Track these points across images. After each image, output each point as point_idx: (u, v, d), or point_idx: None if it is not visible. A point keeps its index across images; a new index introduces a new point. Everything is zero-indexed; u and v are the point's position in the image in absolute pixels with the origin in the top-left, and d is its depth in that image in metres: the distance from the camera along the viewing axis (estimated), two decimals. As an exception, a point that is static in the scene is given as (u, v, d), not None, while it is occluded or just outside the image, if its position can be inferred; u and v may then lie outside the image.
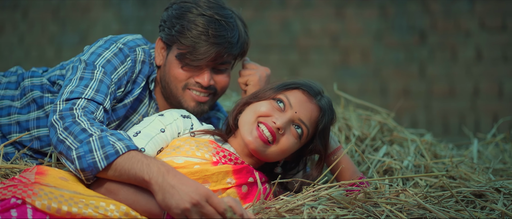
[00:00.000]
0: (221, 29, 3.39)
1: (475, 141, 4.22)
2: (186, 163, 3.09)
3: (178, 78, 3.47)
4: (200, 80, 3.45)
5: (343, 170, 3.29)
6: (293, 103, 3.21)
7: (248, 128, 3.19)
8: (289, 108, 3.20)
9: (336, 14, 7.71)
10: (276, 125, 3.14)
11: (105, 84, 3.26)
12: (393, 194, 3.10)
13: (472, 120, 7.30)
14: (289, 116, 3.18)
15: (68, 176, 2.94)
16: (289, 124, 3.18)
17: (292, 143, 3.19)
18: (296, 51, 7.80)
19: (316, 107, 3.23)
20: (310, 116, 3.21)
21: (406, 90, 7.49)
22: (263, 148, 3.17)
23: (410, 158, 3.85)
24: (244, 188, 3.13)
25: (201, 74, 3.46)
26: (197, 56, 3.39)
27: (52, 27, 8.46)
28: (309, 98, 3.24)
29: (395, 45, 7.52)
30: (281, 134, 3.17)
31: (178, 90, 3.49)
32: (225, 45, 3.39)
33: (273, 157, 3.21)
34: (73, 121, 3.01)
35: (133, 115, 3.57)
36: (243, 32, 3.51)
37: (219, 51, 3.39)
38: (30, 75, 3.58)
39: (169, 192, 2.78)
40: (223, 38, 3.39)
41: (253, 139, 3.15)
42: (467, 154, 4.13)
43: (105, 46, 3.43)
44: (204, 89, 3.47)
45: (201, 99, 3.49)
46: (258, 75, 3.56)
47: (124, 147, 2.90)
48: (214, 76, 3.49)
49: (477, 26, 7.25)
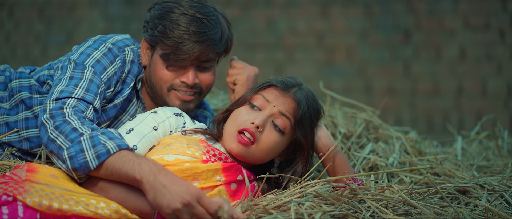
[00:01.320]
0: (202, 26, 3.40)
1: (459, 138, 4.26)
2: (177, 160, 3.11)
3: (163, 79, 3.47)
4: (185, 79, 3.45)
5: (336, 168, 3.30)
6: (270, 99, 3.24)
7: (230, 138, 3.21)
8: (267, 105, 3.23)
9: (322, 13, 7.71)
10: (255, 124, 3.17)
11: (95, 83, 3.27)
12: (379, 190, 3.13)
13: (456, 118, 7.32)
14: (267, 112, 3.21)
15: (59, 174, 2.95)
16: (269, 119, 3.21)
17: (274, 139, 3.21)
18: (281, 50, 7.80)
19: (291, 99, 3.24)
20: (288, 108, 3.23)
21: (390, 88, 7.51)
22: (246, 150, 3.19)
23: (395, 155, 3.89)
24: (233, 186, 3.16)
25: (185, 73, 3.46)
26: (180, 56, 3.39)
27: (38, 25, 8.43)
28: (283, 92, 3.26)
29: (380, 44, 7.53)
30: (260, 132, 3.18)
31: (163, 90, 3.49)
32: (208, 42, 3.40)
33: (259, 157, 3.23)
34: (63, 120, 3.02)
35: (123, 115, 3.57)
36: (226, 29, 3.51)
37: (202, 49, 3.39)
38: (18, 76, 3.58)
39: (160, 192, 2.79)
40: (205, 35, 3.39)
41: (235, 145, 3.18)
42: (451, 152, 4.17)
43: (94, 46, 3.43)
44: (189, 88, 3.48)
45: (186, 98, 3.50)
46: (246, 75, 3.57)
47: (115, 147, 2.91)
48: (199, 75, 3.50)
49: (461, 25, 7.27)
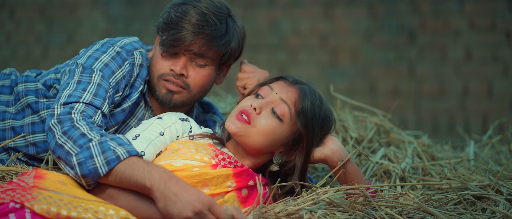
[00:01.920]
0: (204, 20, 3.37)
1: (472, 142, 4.21)
2: (185, 166, 3.07)
3: (156, 67, 3.45)
4: (173, 67, 3.41)
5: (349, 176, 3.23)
6: (274, 88, 3.22)
7: (231, 118, 3.18)
8: (270, 93, 3.21)
9: (325, 14, 7.68)
10: (253, 105, 3.15)
11: (103, 88, 3.23)
12: (393, 197, 3.08)
13: (462, 120, 7.28)
14: (268, 98, 3.19)
15: (67, 180, 2.91)
16: (269, 105, 3.17)
17: (271, 125, 3.15)
18: (284, 51, 7.79)
19: (295, 89, 3.21)
20: (290, 96, 3.19)
21: (395, 90, 7.48)
22: (242, 128, 3.14)
23: (408, 160, 3.84)
24: (244, 192, 3.12)
25: (176, 61, 3.42)
26: (173, 43, 3.36)
27: (39, 26, 8.42)
28: (289, 84, 3.24)
29: (384, 45, 7.50)
30: (258, 114, 3.15)
31: (154, 79, 3.46)
32: (203, 36, 3.36)
33: (256, 140, 3.16)
34: (71, 125, 2.98)
35: (131, 119, 3.53)
36: (231, 35, 3.47)
37: (194, 40, 3.36)
38: (24, 80, 3.53)
39: (171, 200, 2.76)
40: (202, 28, 3.35)
41: (232, 122, 3.15)
42: (464, 156, 4.12)
43: (103, 50, 3.39)
44: (175, 78, 3.43)
45: (171, 87, 3.44)
46: (257, 78, 3.52)
47: (125, 153, 2.87)
48: (190, 69, 3.45)
49: (467, 26, 7.23)
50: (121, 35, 3.59)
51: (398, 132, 4.22)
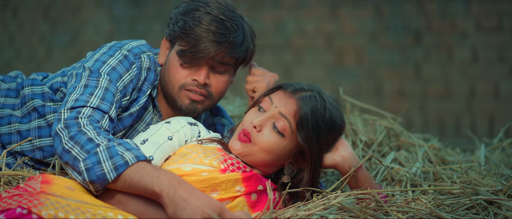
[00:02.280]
0: (223, 28, 3.34)
1: (482, 146, 4.17)
2: (194, 170, 3.03)
3: (176, 76, 3.40)
4: (196, 77, 3.38)
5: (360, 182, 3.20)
6: (274, 100, 3.17)
7: (234, 139, 3.17)
8: (270, 106, 3.16)
9: (331, 14, 7.65)
10: (253, 123, 3.11)
11: (110, 92, 3.20)
12: (405, 202, 3.04)
13: (468, 121, 7.25)
14: (268, 114, 3.14)
15: (75, 185, 2.87)
16: (269, 120, 3.13)
17: (273, 141, 3.11)
18: (290, 52, 7.76)
19: (293, 101, 3.15)
20: (289, 110, 3.13)
21: (401, 91, 7.44)
22: (245, 149, 3.13)
23: (418, 165, 3.80)
24: (253, 196, 3.08)
25: (198, 71, 3.39)
26: (196, 54, 3.33)
27: (43, 26, 8.41)
28: (289, 95, 3.17)
29: (390, 46, 7.47)
30: (259, 132, 3.11)
31: (175, 89, 3.42)
32: (226, 44, 3.34)
33: (259, 156, 3.13)
34: (78, 130, 2.94)
35: (138, 124, 3.50)
36: (248, 38, 3.45)
37: (218, 50, 3.33)
38: (30, 83, 3.50)
39: (180, 206, 2.72)
40: (224, 37, 3.33)
41: (234, 143, 3.13)
42: (474, 159, 4.09)
43: (110, 53, 3.36)
44: (199, 88, 3.40)
45: (195, 97, 3.41)
46: (266, 82, 3.50)
47: (133, 158, 2.84)
48: (212, 77, 3.42)
49: (473, 27, 7.19)
50: (125, 36, 3.58)
51: (408, 135, 4.18)
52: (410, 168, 3.75)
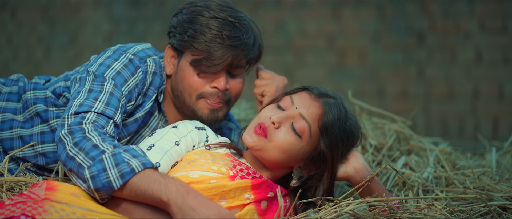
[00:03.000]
0: (236, 30, 3.28)
1: (493, 149, 4.10)
2: (202, 177, 2.96)
3: (193, 86, 3.34)
4: (216, 85, 3.33)
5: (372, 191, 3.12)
6: (295, 101, 3.09)
7: (249, 131, 3.07)
8: (290, 106, 3.08)
9: (333, 15, 7.61)
10: (271, 120, 3.03)
11: (115, 97, 3.13)
12: (418, 209, 2.98)
13: (472, 123, 7.20)
14: (288, 112, 3.05)
15: (80, 192, 2.81)
16: (288, 120, 3.04)
17: (289, 141, 3.02)
18: (291, 52, 7.72)
19: (318, 105, 3.07)
20: (311, 113, 3.05)
21: (404, 92, 7.39)
22: (261, 143, 3.03)
23: (430, 170, 3.74)
24: (263, 204, 3.01)
25: (216, 79, 3.33)
26: (213, 61, 3.27)
27: (41, 27, 8.37)
28: (313, 97, 3.10)
29: (392, 47, 7.41)
30: (276, 129, 3.02)
31: (192, 99, 3.36)
32: (242, 47, 3.29)
33: (273, 154, 3.04)
34: (83, 136, 2.88)
35: (144, 129, 3.44)
36: (258, 35, 3.41)
37: (236, 54, 3.28)
38: (33, 87, 3.44)
39: (189, 215, 2.67)
40: (239, 40, 3.28)
41: (250, 136, 3.04)
42: (485, 164, 4.02)
43: (114, 57, 3.29)
44: (220, 96, 3.35)
45: (216, 105, 3.36)
46: (275, 85, 3.43)
47: (140, 165, 2.77)
48: (229, 81, 3.38)
49: (477, 27, 7.14)
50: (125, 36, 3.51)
51: (418, 139, 4.11)
52: (421, 173, 3.70)
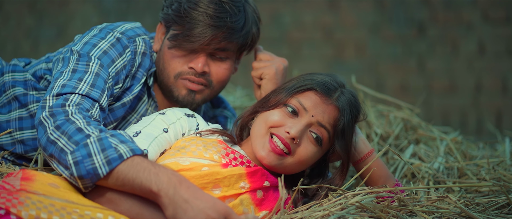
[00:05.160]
0: (222, 11, 3.10)
1: (507, 139, 3.95)
2: (193, 164, 2.80)
3: (171, 65, 3.18)
4: (193, 65, 3.16)
5: (374, 177, 2.99)
6: (307, 106, 2.90)
7: (260, 142, 2.89)
8: (304, 113, 2.90)
9: (330, 6, 7.52)
10: (291, 135, 2.84)
11: (101, 78, 2.95)
12: (431, 201, 2.82)
13: (474, 117, 7.17)
14: (304, 122, 2.88)
15: (60, 182, 2.64)
16: (306, 130, 2.88)
17: (311, 152, 2.89)
18: (287, 45, 7.60)
19: (333, 107, 2.91)
20: (328, 118, 2.90)
21: (404, 85, 7.33)
22: (279, 161, 2.87)
23: (440, 160, 3.59)
24: (259, 193, 2.84)
25: (195, 59, 3.16)
26: (190, 38, 3.10)
27: (29, 20, 8.31)
28: (324, 99, 2.91)
29: (392, 38, 7.34)
30: (297, 144, 2.86)
31: (170, 78, 3.20)
32: (224, 29, 3.10)
33: (291, 169, 2.91)
34: (66, 119, 2.69)
35: (131, 115, 3.27)
36: (250, 22, 3.22)
37: (215, 34, 3.09)
38: (11, 69, 3.27)
39: (181, 207, 2.49)
40: (222, 21, 3.09)
41: (266, 154, 2.86)
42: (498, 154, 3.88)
43: (101, 36, 3.12)
44: (197, 77, 3.17)
45: (193, 87, 3.19)
46: (274, 68, 3.24)
47: (129, 151, 2.59)
48: (211, 64, 3.20)
49: (480, 18, 7.10)
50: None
51: (427, 128, 3.95)
52: (432, 164, 3.55)
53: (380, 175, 2.98)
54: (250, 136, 2.97)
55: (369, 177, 2.97)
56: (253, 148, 2.92)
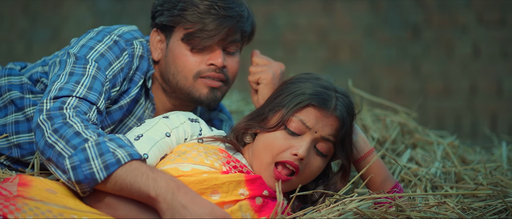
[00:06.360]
0: (229, 1, 3.14)
1: (504, 144, 3.94)
2: (193, 171, 2.77)
3: (188, 66, 3.16)
4: (213, 61, 3.15)
5: (374, 177, 2.98)
6: (309, 124, 2.87)
7: (266, 171, 2.88)
8: (307, 131, 2.88)
9: (324, 8, 7.51)
10: (299, 156, 2.83)
11: (98, 81, 2.93)
12: (428, 206, 2.80)
13: (469, 120, 7.17)
14: (309, 140, 2.86)
15: (57, 188, 2.62)
16: (312, 147, 2.88)
17: (317, 166, 2.91)
18: (281, 48, 7.59)
19: (334, 119, 2.90)
20: (331, 130, 2.89)
21: (398, 88, 7.32)
22: (287, 185, 2.88)
23: (437, 164, 3.58)
24: (258, 200, 2.82)
25: (212, 55, 3.17)
26: (209, 33, 3.11)
27: (22, 22, 8.26)
28: (324, 112, 2.89)
29: (387, 41, 7.34)
30: (305, 162, 2.87)
31: (188, 80, 3.17)
32: (237, 18, 3.14)
33: (298, 184, 2.87)
34: (64, 122, 2.67)
35: (128, 118, 3.25)
36: (250, 11, 3.28)
37: (231, 25, 3.12)
38: (7, 73, 3.25)
39: (179, 213, 2.48)
40: (233, 11, 3.12)
41: (271, 181, 2.87)
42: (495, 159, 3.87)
43: (98, 38, 3.11)
44: (218, 72, 3.17)
45: (214, 84, 3.18)
46: (272, 72, 3.22)
47: (127, 156, 2.57)
48: (226, 58, 3.21)
49: (474, 21, 7.11)
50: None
51: (423, 132, 3.94)
52: (429, 169, 3.54)
53: (380, 176, 2.98)
54: (253, 156, 2.95)
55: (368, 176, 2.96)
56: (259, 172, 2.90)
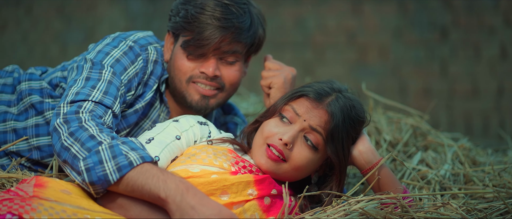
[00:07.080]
0: (228, 12, 3.16)
1: None
2: (203, 172, 2.84)
3: (182, 70, 3.22)
4: (204, 70, 3.20)
5: (381, 184, 3.00)
6: (300, 112, 2.95)
7: (259, 152, 2.95)
8: (297, 119, 2.95)
9: (353, 10, 7.49)
10: (283, 141, 2.89)
11: (114, 85, 3.00)
12: (433, 207, 2.83)
13: (497, 121, 7.10)
14: (297, 128, 2.93)
15: (71, 189, 2.69)
16: (299, 135, 2.93)
17: (306, 157, 2.93)
18: (311, 49, 7.59)
19: (323, 111, 2.95)
20: (319, 121, 2.93)
21: (426, 89, 7.28)
22: (276, 167, 2.93)
23: (447, 167, 3.58)
24: (266, 200, 2.88)
25: (205, 63, 3.21)
26: (201, 42, 3.15)
27: (57, 24, 8.31)
28: (315, 104, 2.96)
29: (415, 43, 7.30)
30: (290, 149, 2.91)
31: (182, 83, 3.24)
32: (232, 29, 3.15)
33: (291, 175, 2.96)
34: (79, 125, 2.75)
35: (144, 121, 3.32)
36: (256, 23, 3.26)
37: (224, 35, 3.15)
38: (28, 78, 3.33)
39: (188, 214, 2.54)
40: (229, 22, 3.15)
41: (265, 161, 2.92)
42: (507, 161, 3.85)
43: (114, 44, 3.17)
44: (209, 81, 3.21)
45: (206, 92, 3.24)
46: (283, 77, 3.27)
47: (139, 158, 2.64)
48: (222, 68, 3.24)
49: (502, 23, 7.06)
50: (142, 34, 3.36)
51: (435, 134, 3.95)
52: (438, 170, 3.55)
53: (387, 183, 2.99)
54: (252, 146, 3.02)
55: (376, 184, 2.98)
56: (253, 157, 2.98)
